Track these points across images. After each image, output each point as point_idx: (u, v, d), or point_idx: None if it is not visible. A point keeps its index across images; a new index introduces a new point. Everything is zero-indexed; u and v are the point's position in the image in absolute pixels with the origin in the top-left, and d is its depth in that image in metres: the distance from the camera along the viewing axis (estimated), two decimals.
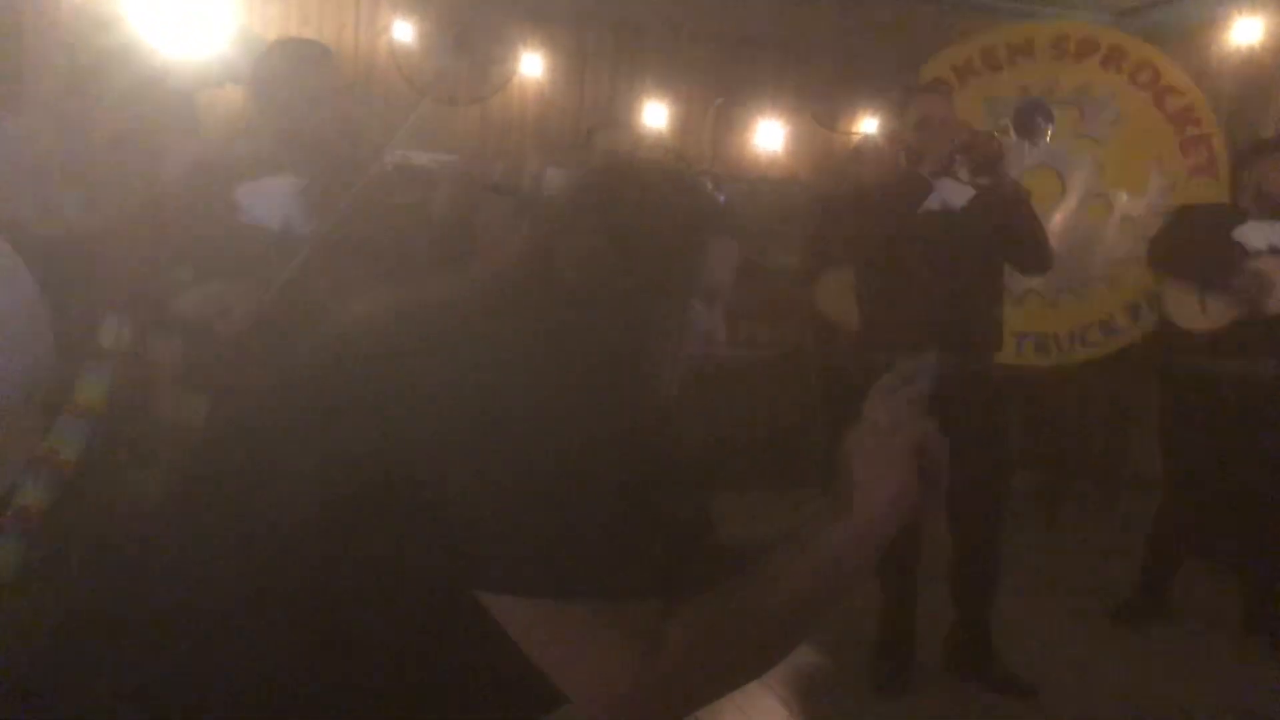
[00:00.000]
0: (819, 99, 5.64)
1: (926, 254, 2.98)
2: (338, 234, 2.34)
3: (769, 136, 5.58)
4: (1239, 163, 3.78)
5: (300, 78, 2.43)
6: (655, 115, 5.40)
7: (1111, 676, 3.30)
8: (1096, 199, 5.23)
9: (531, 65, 5.26)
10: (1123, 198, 5.18)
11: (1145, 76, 5.17)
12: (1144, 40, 5.29)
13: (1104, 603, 3.78)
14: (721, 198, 4.42)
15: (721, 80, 5.53)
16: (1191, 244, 3.55)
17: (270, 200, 2.38)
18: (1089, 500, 5.28)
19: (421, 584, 0.93)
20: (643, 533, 0.93)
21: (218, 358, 2.27)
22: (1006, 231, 3.04)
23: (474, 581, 0.91)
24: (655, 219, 1.11)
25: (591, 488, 0.91)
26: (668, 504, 0.99)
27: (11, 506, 2.36)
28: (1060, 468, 5.23)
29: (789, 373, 5.07)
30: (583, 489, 0.90)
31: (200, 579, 0.96)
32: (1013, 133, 3.10)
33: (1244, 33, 4.99)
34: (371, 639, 0.94)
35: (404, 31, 5.03)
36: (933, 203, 3.02)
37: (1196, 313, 3.53)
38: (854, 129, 5.64)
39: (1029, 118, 3.13)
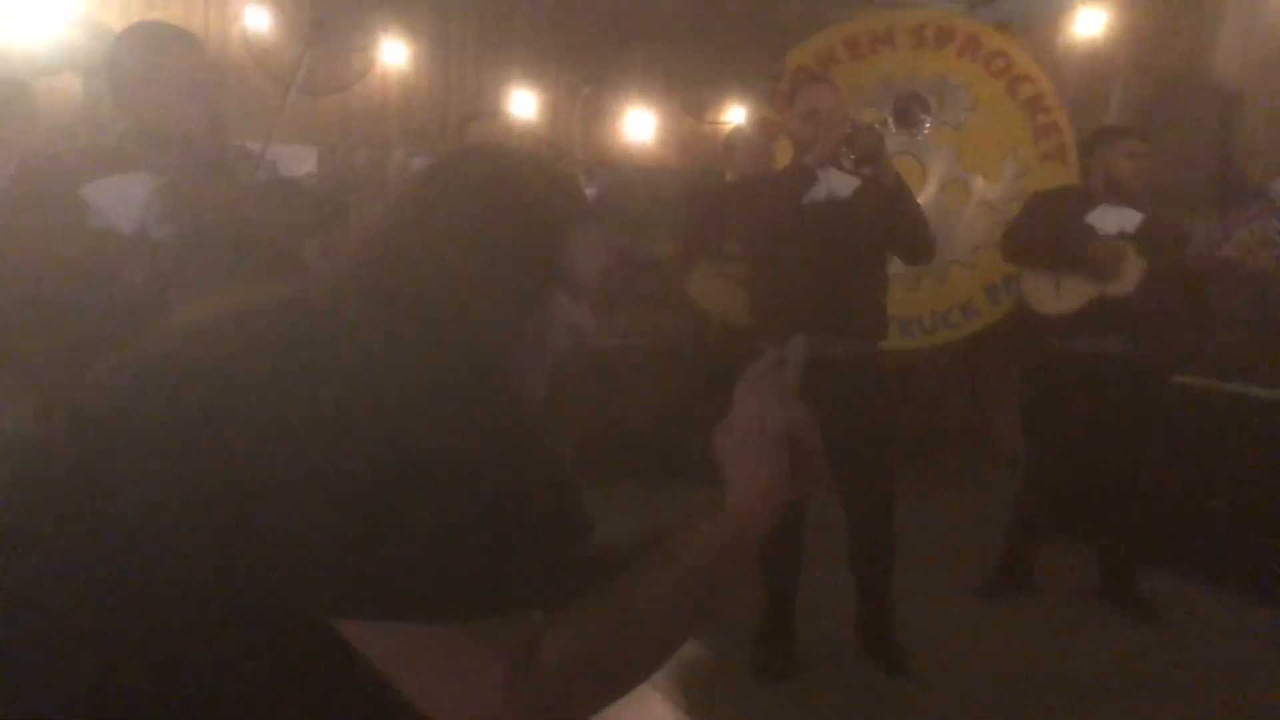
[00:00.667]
0: (687, 88, 5.67)
1: (813, 243, 3.04)
2: (196, 241, 2.19)
3: (638, 125, 5.58)
4: (1086, 150, 3.93)
5: (164, 66, 2.25)
6: (524, 104, 5.33)
7: (981, 649, 3.42)
8: (955, 184, 5.40)
9: (394, 53, 5.13)
10: (980, 183, 5.36)
11: (999, 65, 5.35)
12: (996, 30, 5.48)
13: (971, 578, 3.91)
14: (592, 190, 4.38)
15: (590, 69, 5.50)
16: (1045, 229, 3.67)
17: (124, 200, 2.20)
18: (953, 478, 5.46)
19: (270, 612, 0.85)
20: (506, 545, 0.88)
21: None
22: (890, 221, 3.11)
23: (325, 607, 0.84)
24: (509, 208, 1.05)
25: (446, 500, 0.85)
26: (538, 508, 0.94)
27: None
28: (926, 446, 5.40)
29: (667, 362, 5.08)
30: (437, 501, 0.84)
31: (33, 607, 0.88)
32: (892, 125, 3.16)
33: (1088, 24, 5.21)
34: (223, 672, 0.87)
35: (258, 19, 4.83)
36: (819, 193, 3.07)
37: (1051, 296, 3.67)
38: (722, 118, 5.68)
39: (907, 110, 3.20)
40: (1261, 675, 3.27)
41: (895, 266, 4.40)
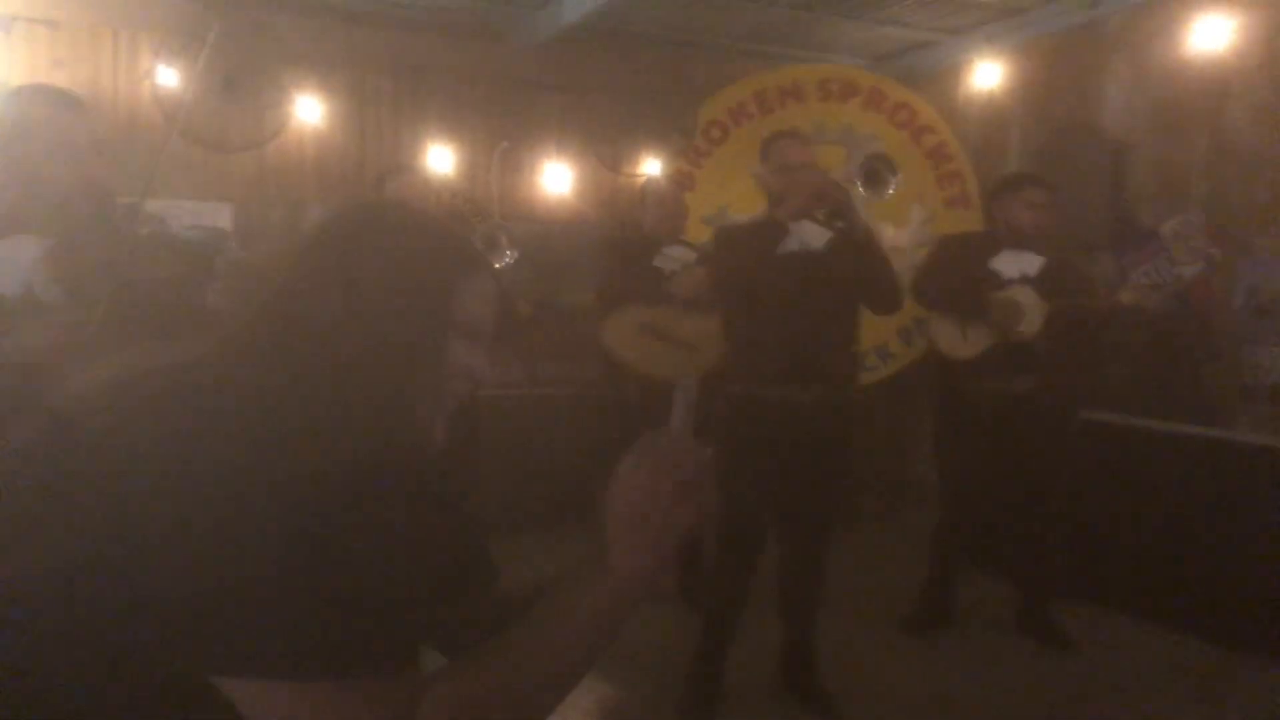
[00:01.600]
0: (601, 142, 5.75)
1: (786, 293, 3.11)
2: (83, 301, 2.16)
3: (555, 179, 5.64)
4: (990, 196, 4.09)
5: (44, 128, 2.24)
6: (440, 159, 5.36)
7: (904, 684, 3.48)
8: None
9: (309, 110, 5.12)
10: (889, 230, 5.52)
11: (903, 116, 5.55)
12: (899, 83, 5.69)
13: (894, 614, 3.97)
14: (514, 251, 4.36)
15: (505, 124, 5.56)
16: (951, 277, 3.80)
17: (8, 262, 2.17)
18: (873, 515, 5.55)
19: (149, 670, 0.86)
20: (386, 602, 0.89)
21: None
22: (860, 274, 3.19)
23: (203, 664, 0.85)
24: (399, 259, 1.06)
25: (327, 560, 0.86)
26: (433, 559, 0.96)
27: None
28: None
29: (583, 411, 5.10)
30: (319, 562, 0.86)
31: None
32: (860, 186, 3.25)
33: (985, 77, 5.44)
34: None
35: (168, 76, 4.79)
36: (791, 244, 3.16)
37: (958, 340, 3.79)
38: (637, 170, 5.78)
39: (875, 171, 3.31)
40: (1170, 693, 3.39)
41: None
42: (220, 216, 4.92)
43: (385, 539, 0.91)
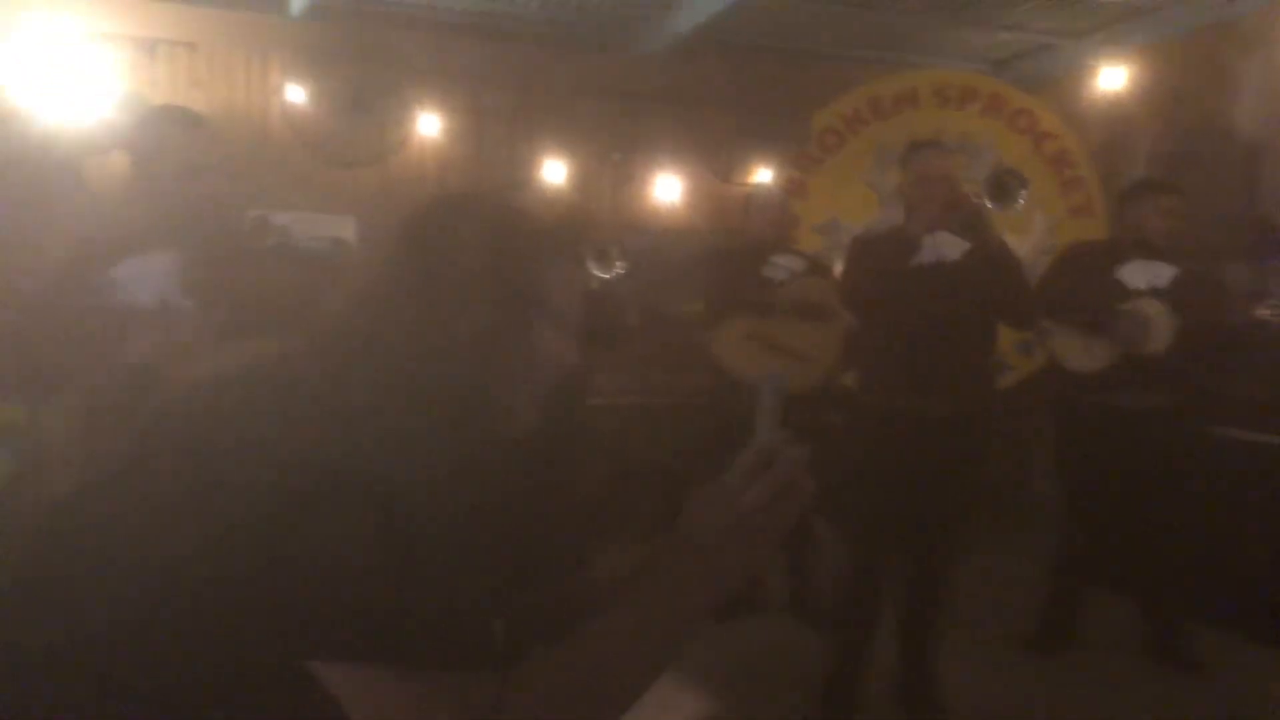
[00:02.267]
0: (713, 152, 5.76)
1: (920, 306, 3.08)
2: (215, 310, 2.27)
3: (667, 190, 5.67)
4: (1118, 204, 3.94)
5: (174, 147, 2.36)
6: (555, 172, 5.44)
7: (1025, 705, 3.37)
8: None
9: (429, 124, 5.27)
10: (1011, 239, 5.38)
11: (1024, 122, 5.41)
12: (1020, 88, 5.55)
13: (1014, 632, 3.86)
14: (619, 265, 4.36)
15: (619, 136, 5.61)
16: (1074, 288, 3.66)
17: (146, 277, 2.30)
18: (993, 531, 5.40)
19: (252, 655, 0.87)
20: (478, 588, 0.91)
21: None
22: (994, 286, 3.14)
23: (304, 649, 0.87)
24: (481, 247, 1.09)
25: (423, 542, 0.88)
26: (520, 544, 0.97)
27: None
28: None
29: (691, 420, 5.09)
30: (414, 544, 0.87)
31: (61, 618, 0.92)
32: (987, 200, 3.22)
33: (1110, 80, 5.27)
34: (201, 710, 0.89)
35: (297, 94, 4.99)
36: (927, 256, 3.12)
37: (1080, 355, 3.66)
38: (749, 180, 5.77)
39: (1002, 184, 3.28)
40: None
41: None
42: (345, 229, 5.09)
43: (478, 525, 0.92)
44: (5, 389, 2.52)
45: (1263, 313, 3.60)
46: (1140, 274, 3.62)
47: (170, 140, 2.36)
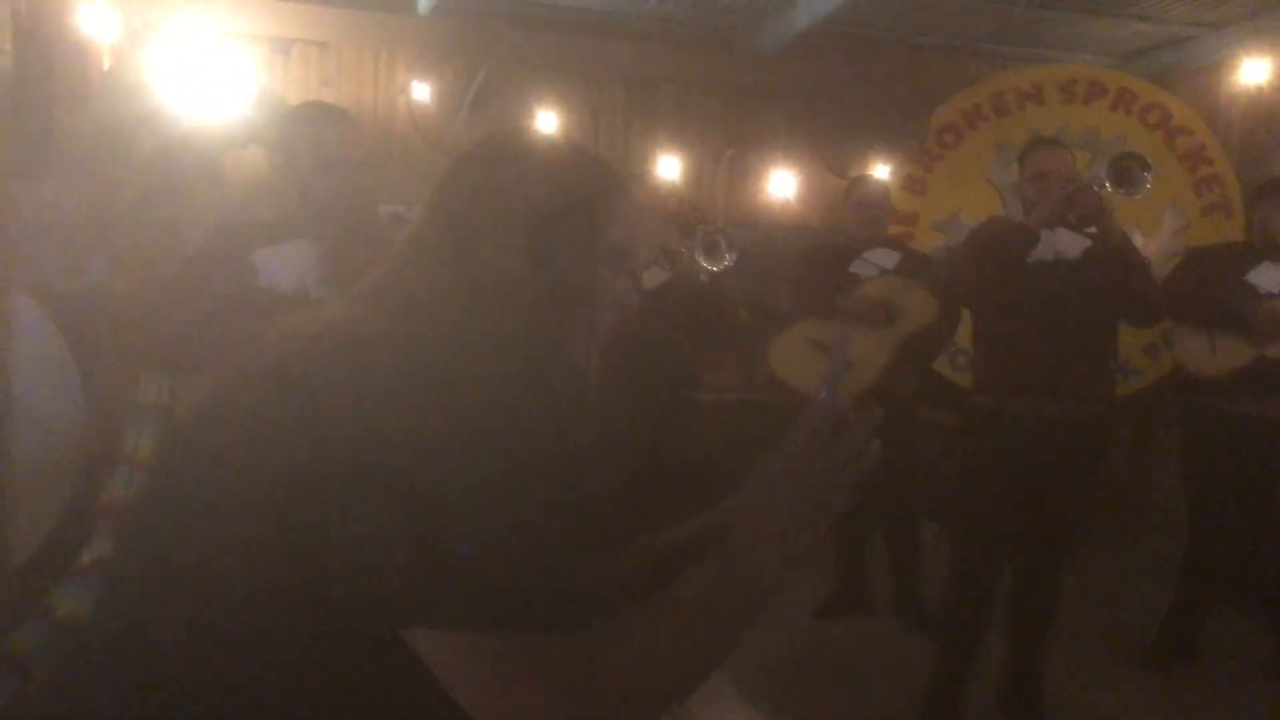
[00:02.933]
0: (829, 147, 5.71)
1: (1038, 304, 3.03)
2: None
3: (781, 185, 5.64)
4: (1250, 203, 3.78)
5: (316, 141, 2.47)
6: (669, 167, 5.47)
7: None
8: None
9: (547, 121, 5.36)
10: (1137, 239, 5.19)
11: (1155, 118, 5.21)
12: (1152, 82, 5.34)
13: (1130, 647, 3.73)
14: (728, 257, 4.30)
15: (733, 131, 5.62)
16: (1202, 287, 3.52)
17: (285, 264, 2.42)
18: (1112, 542, 5.23)
19: (343, 620, 0.87)
20: (570, 554, 0.89)
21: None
22: (1117, 283, 3.06)
23: (396, 615, 0.86)
24: (533, 186, 1.05)
25: (516, 505, 0.87)
26: (593, 511, 0.96)
27: (87, 558, 2.43)
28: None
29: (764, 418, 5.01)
30: (507, 507, 0.87)
31: (148, 613, 0.93)
32: (1108, 185, 3.14)
33: (1251, 73, 5.02)
34: (291, 680, 0.90)
35: (421, 91, 5.14)
36: (1045, 253, 3.06)
37: (1208, 356, 3.52)
38: (866, 175, 5.69)
39: (1125, 169, 3.19)
40: None
41: None
42: None
43: (559, 481, 0.91)
44: (151, 369, 2.68)
45: None
46: (1272, 276, 3.46)
47: (312, 135, 2.46)
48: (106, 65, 4.47)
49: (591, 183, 1.10)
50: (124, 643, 0.94)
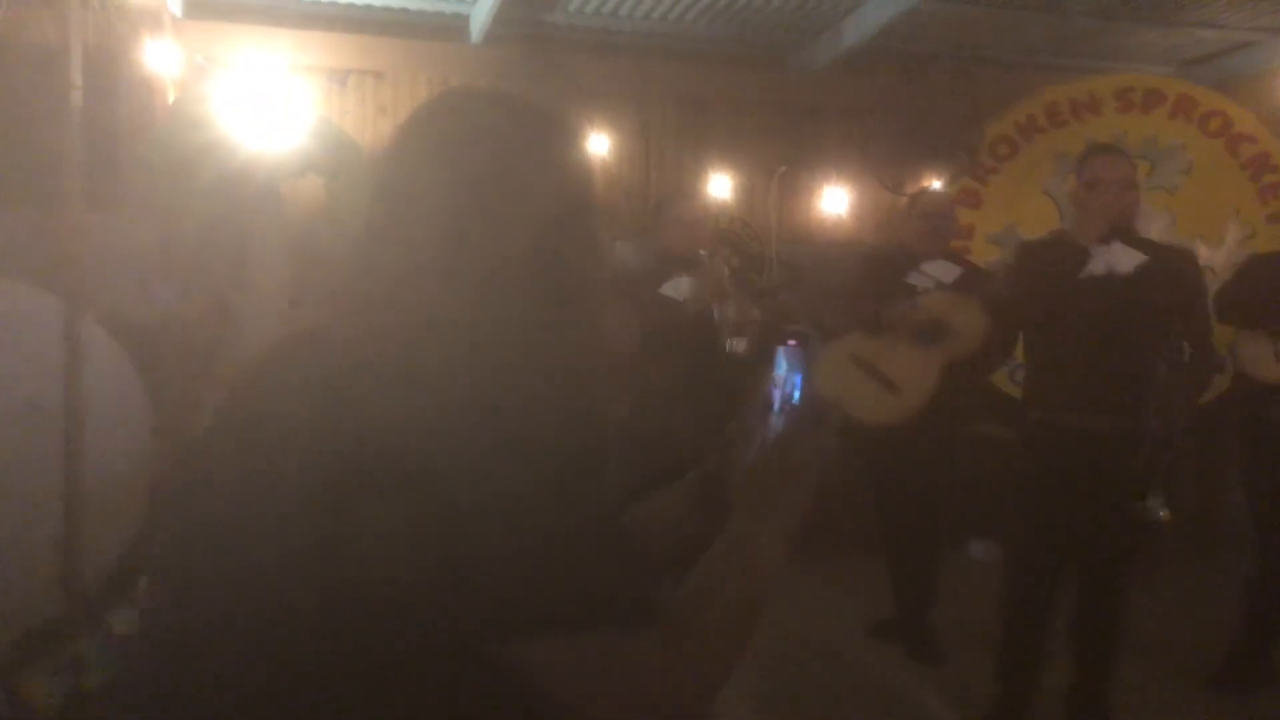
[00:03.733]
0: (883, 163, 5.68)
1: (1089, 319, 2.95)
2: None
3: (834, 201, 5.63)
4: None
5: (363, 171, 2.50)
6: (721, 186, 5.49)
7: None
8: None
9: (599, 143, 5.40)
10: (1201, 248, 5.09)
11: (1216, 125, 5.12)
12: (1212, 89, 5.25)
13: (1202, 669, 3.64)
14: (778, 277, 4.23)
15: (784, 149, 5.62)
16: (1263, 292, 3.45)
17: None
18: (1180, 557, 5.10)
19: (444, 638, 0.84)
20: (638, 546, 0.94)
21: None
22: (1173, 300, 2.97)
23: (516, 628, 0.83)
24: (493, 146, 0.98)
25: (605, 500, 0.89)
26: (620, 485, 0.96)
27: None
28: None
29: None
30: (600, 503, 0.88)
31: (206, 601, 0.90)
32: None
33: None
34: (382, 696, 0.86)
35: None
36: (1097, 267, 2.98)
37: (1270, 363, 3.43)
38: (920, 190, 5.65)
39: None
40: None
41: None
42: None
43: (595, 476, 0.90)
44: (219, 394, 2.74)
45: None
46: None
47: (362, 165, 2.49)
48: (171, 99, 4.60)
49: (561, 142, 1.04)
50: (161, 654, 0.94)
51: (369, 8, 5.02)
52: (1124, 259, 2.98)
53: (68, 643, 2.52)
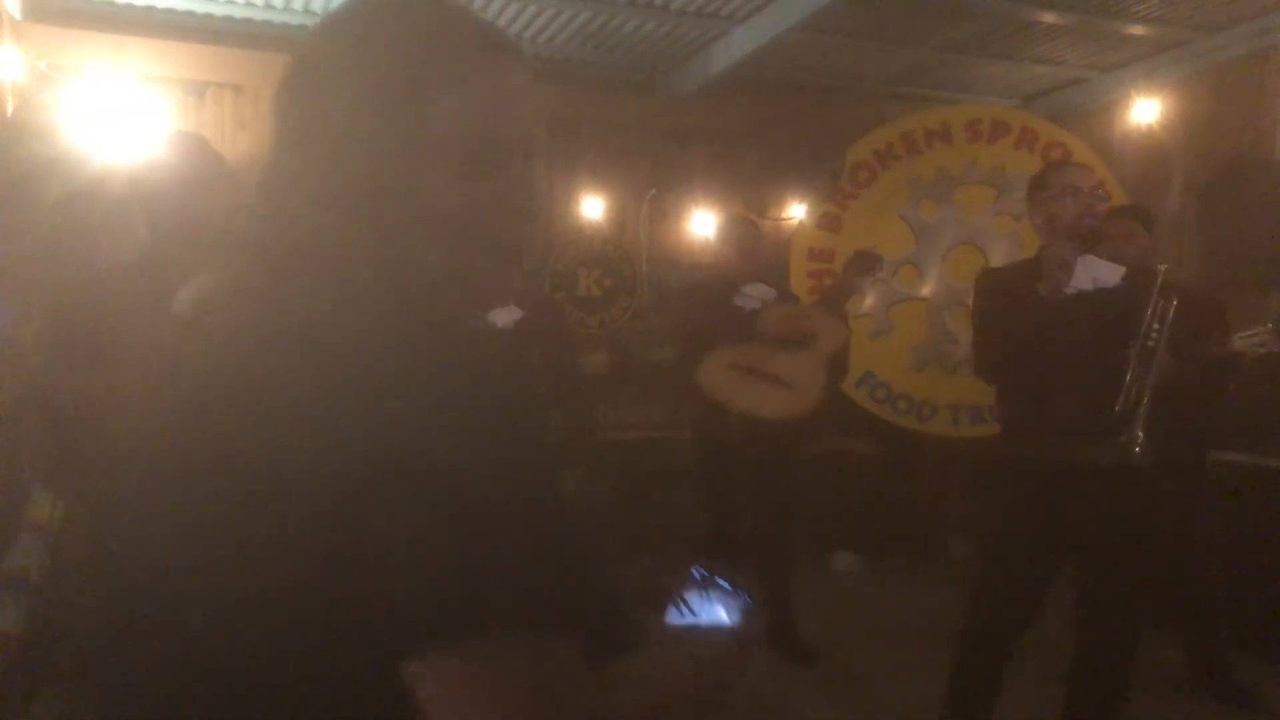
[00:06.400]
0: (749, 187, 5.82)
1: (1072, 338, 2.71)
2: None
3: (701, 225, 5.73)
4: None
5: (174, 170, 2.34)
6: (591, 207, 5.52)
7: None
8: None
9: None
10: None
11: (1057, 155, 5.42)
12: (1052, 121, 5.57)
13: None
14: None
15: (654, 172, 5.69)
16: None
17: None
18: None
19: (361, 646, 0.72)
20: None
21: None
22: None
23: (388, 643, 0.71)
24: (364, 64, 0.84)
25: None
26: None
27: None
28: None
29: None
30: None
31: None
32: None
33: (1144, 112, 5.28)
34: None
35: None
36: (1083, 282, 2.77)
37: None
38: (784, 214, 5.81)
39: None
40: None
41: (963, 354, 4.33)
42: None
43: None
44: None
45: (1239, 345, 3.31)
46: None
47: (170, 164, 2.34)
48: (10, 108, 4.34)
49: (429, 55, 0.86)
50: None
51: (228, 19, 4.85)
52: (1106, 272, 2.81)
53: None
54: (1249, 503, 3.95)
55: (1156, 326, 2.68)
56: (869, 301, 5.38)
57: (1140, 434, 2.62)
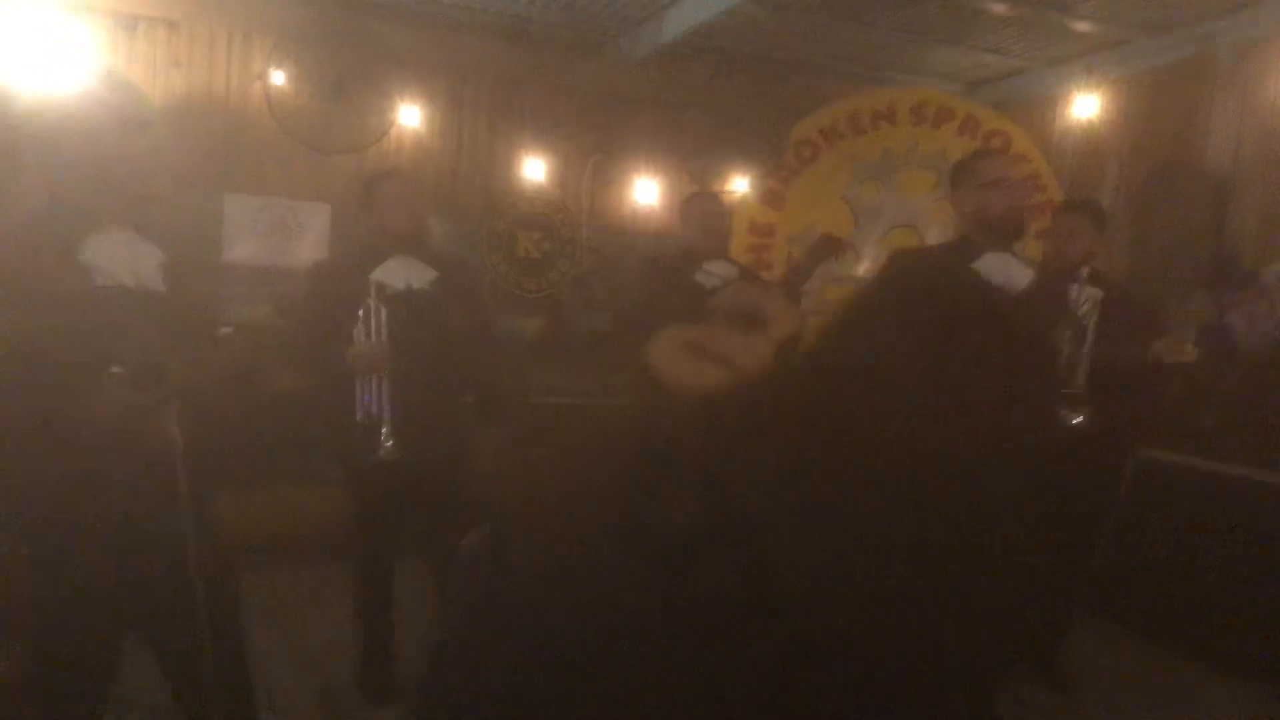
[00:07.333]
0: (693, 157, 5.80)
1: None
2: None
3: (645, 192, 5.70)
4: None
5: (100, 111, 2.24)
6: (534, 169, 5.45)
7: None
8: None
9: (410, 116, 5.25)
10: None
11: (998, 143, 5.49)
12: (995, 110, 5.64)
13: None
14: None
15: (600, 137, 5.64)
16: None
17: (117, 256, 2.19)
18: None
19: None
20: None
21: None
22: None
23: None
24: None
25: None
26: None
27: None
28: None
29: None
30: None
31: None
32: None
33: (1084, 108, 5.37)
34: None
35: (279, 78, 4.95)
36: (995, 277, 2.73)
37: None
38: (727, 187, 5.81)
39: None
40: None
41: None
42: (319, 216, 5.08)
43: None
44: None
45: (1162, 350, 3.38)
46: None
47: (96, 106, 2.23)
48: None
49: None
50: None
51: None
52: (1017, 274, 2.78)
53: None
54: (1179, 502, 4.08)
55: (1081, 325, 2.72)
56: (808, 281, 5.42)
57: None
